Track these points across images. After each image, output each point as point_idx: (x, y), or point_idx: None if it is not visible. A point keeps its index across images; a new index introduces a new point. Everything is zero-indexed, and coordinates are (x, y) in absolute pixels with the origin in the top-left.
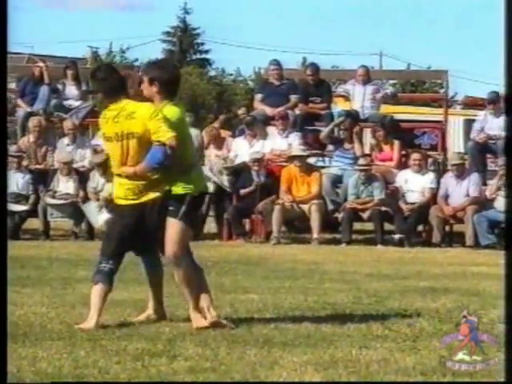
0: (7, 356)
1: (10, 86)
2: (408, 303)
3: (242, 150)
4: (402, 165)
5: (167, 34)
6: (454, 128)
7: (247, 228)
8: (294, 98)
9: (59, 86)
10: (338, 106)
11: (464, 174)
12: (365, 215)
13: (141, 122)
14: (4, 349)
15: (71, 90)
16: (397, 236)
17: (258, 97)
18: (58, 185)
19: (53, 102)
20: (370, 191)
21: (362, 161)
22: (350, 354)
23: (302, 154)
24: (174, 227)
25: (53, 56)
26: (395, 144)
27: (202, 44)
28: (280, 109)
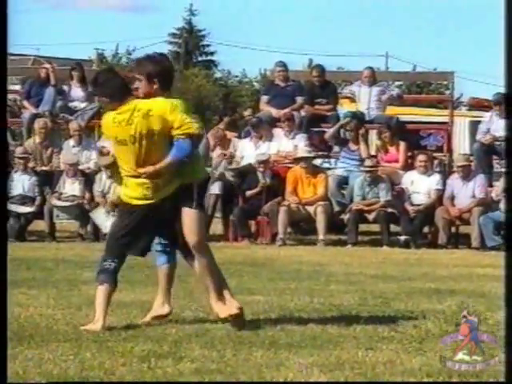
0: (7, 356)
1: (15, 87)
2: (414, 305)
3: (248, 151)
4: (408, 166)
5: (173, 35)
6: (459, 129)
7: (253, 229)
8: (299, 100)
9: (65, 87)
10: (344, 108)
11: (470, 175)
12: (371, 217)
13: (159, 119)
14: (4, 349)
15: (77, 91)
16: (403, 237)
17: (263, 98)
18: (64, 186)
19: (59, 103)
20: (375, 192)
21: (367, 162)
22: (356, 355)
23: (308, 155)
24: (192, 217)
25: (58, 58)
26: (401, 145)
27: (208, 45)
28: (286, 110)
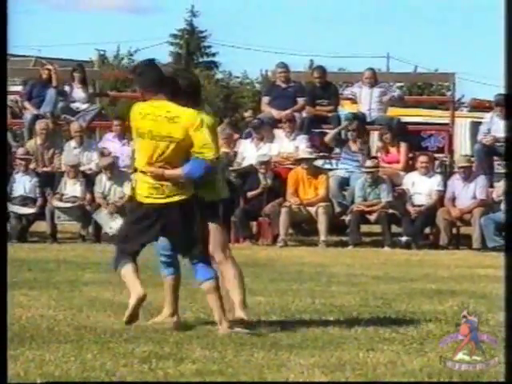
0: (7, 358)
1: (16, 88)
2: (415, 306)
3: (249, 152)
4: (409, 167)
5: (174, 36)
6: (460, 130)
7: (254, 230)
8: (301, 101)
9: (66, 88)
10: (345, 109)
11: (471, 176)
12: (372, 218)
13: (183, 129)
14: (4, 350)
15: (78, 92)
16: (404, 238)
17: (265, 99)
18: (65, 188)
19: (60, 104)
20: (377, 194)
21: (369, 163)
22: (357, 356)
23: (309, 156)
24: (217, 232)
25: (60, 59)
26: (402, 146)
27: (209, 47)
28: (287, 111)
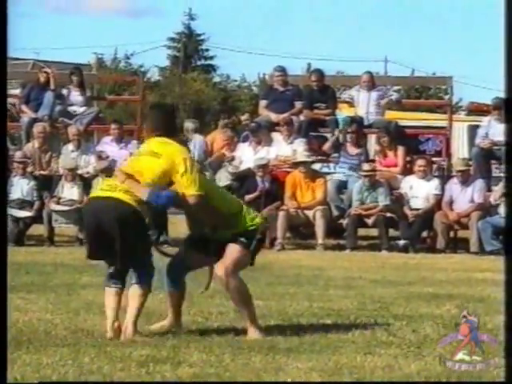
0: (7, 361)
1: (14, 91)
2: (412, 309)
3: (247, 155)
4: (407, 171)
5: (172, 39)
6: (458, 134)
7: None
8: (298, 104)
9: (64, 92)
10: (343, 112)
11: (468, 180)
12: (369, 221)
13: (169, 161)
14: (4, 354)
15: (76, 96)
16: (401, 242)
17: (262, 103)
18: (63, 191)
19: (57, 108)
20: (374, 197)
21: (366, 167)
22: (354, 360)
23: (307, 160)
24: (241, 254)
25: (57, 62)
26: (400, 150)
27: (207, 50)
28: (285, 115)
